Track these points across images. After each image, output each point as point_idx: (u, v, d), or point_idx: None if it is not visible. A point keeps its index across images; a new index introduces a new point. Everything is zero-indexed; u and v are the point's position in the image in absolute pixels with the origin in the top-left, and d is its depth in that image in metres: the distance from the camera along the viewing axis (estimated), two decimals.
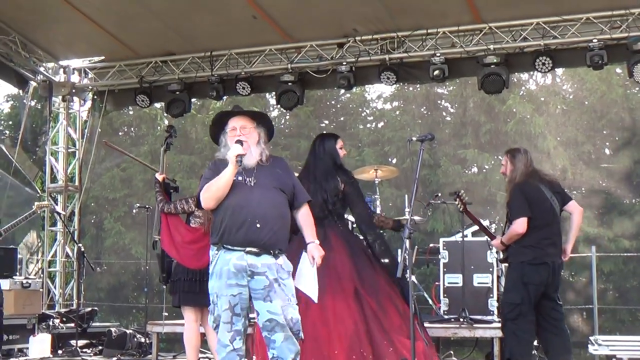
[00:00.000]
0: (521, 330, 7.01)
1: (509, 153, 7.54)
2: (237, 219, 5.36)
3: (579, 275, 15.25)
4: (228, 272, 5.34)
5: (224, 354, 5.36)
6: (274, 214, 5.41)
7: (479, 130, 16.88)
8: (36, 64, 12.51)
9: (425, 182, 16.47)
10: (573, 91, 17.29)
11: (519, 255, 7.16)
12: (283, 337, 5.33)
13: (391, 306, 6.76)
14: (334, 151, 7.21)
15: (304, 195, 5.73)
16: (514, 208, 7.17)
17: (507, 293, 7.29)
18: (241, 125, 5.56)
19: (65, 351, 10.69)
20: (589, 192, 16.20)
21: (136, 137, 19.99)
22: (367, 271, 6.88)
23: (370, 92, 19.24)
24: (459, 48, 10.87)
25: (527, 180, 7.21)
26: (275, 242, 5.40)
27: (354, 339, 6.45)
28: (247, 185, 5.43)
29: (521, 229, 7.03)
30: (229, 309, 5.34)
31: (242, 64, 11.85)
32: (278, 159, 5.79)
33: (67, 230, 12.76)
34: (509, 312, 7.10)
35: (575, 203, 7.54)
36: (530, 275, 7.03)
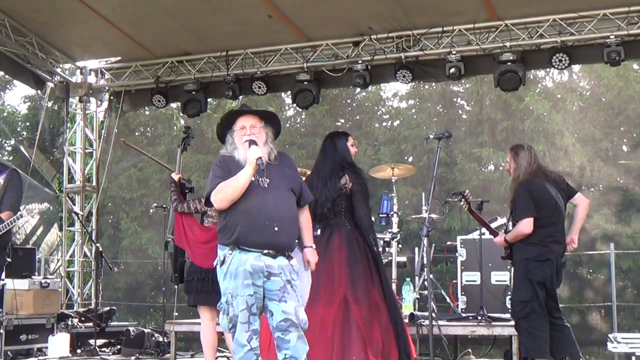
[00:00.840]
0: (534, 328, 6.96)
1: (512, 150, 7.48)
2: (255, 221, 5.34)
3: (598, 273, 15.17)
4: (244, 272, 5.32)
5: (242, 353, 5.35)
6: (289, 216, 5.46)
7: (495, 128, 16.81)
8: (53, 65, 12.59)
9: (442, 180, 16.41)
10: (590, 88, 17.19)
11: (523, 253, 7.13)
12: (297, 336, 5.35)
13: (375, 318, 6.72)
14: (345, 149, 7.16)
15: (308, 195, 5.79)
16: (520, 208, 7.12)
17: (516, 291, 7.23)
18: (251, 125, 5.55)
19: (84, 350, 10.74)
20: (607, 189, 16.10)
21: (152, 137, 20.03)
22: (361, 279, 6.81)
23: (385, 91, 19.22)
24: (475, 45, 10.85)
25: (532, 179, 7.16)
26: (291, 243, 5.49)
27: (337, 345, 6.44)
28: (261, 187, 5.41)
29: (527, 230, 7.00)
30: (247, 309, 5.33)
31: (258, 64, 11.87)
32: (283, 155, 5.77)
33: (85, 231, 12.82)
34: (520, 310, 7.06)
35: (582, 195, 7.53)
36: (534, 272, 7.00)
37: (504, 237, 7.31)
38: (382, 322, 6.74)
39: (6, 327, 9.84)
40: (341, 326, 6.54)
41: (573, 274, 15.24)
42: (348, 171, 6.98)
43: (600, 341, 12.45)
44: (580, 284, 15.26)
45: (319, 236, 6.89)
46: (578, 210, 7.42)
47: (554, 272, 7.12)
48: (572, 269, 15.19)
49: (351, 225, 7.00)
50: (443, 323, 8.14)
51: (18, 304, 10.25)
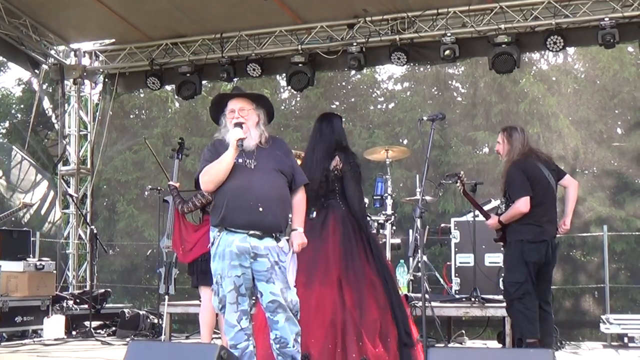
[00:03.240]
0: (528, 309, 6.93)
1: (506, 131, 7.41)
2: (240, 202, 5.36)
3: (591, 256, 15.23)
4: (231, 253, 5.36)
5: (232, 333, 5.40)
6: (276, 197, 5.42)
7: (490, 110, 16.82)
8: (47, 47, 12.57)
9: (436, 163, 16.43)
10: (585, 70, 17.19)
11: (517, 234, 7.09)
12: (285, 317, 5.37)
13: (372, 298, 6.71)
14: (342, 131, 7.16)
15: (301, 177, 5.70)
16: (515, 187, 7.09)
17: (511, 272, 7.17)
18: (239, 107, 5.53)
19: (79, 332, 10.77)
20: (601, 172, 16.13)
21: (147, 120, 20.01)
22: (355, 260, 6.81)
23: (380, 73, 19.20)
24: (470, 28, 10.85)
25: (525, 159, 7.14)
26: (277, 225, 5.43)
27: (331, 328, 6.44)
28: (248, 168, 5.42)
29: (525, 208, 6.97)
30: (234, 290, 5.37)
31: (253, 46, 11.85)
32: (278, 140, 5.76)
33: (79, 213, 12.84)
34: (515, 291, 7.01)
35: (570, 177, 7.52)
36: (530, 254, 6.98)
37: (498, 219, 7.29)
38: (379, 302, 6.74)
39: (1, 309, 9.87)
40: (341, 307, 6.55)
41: (567, 256, 15.30)
42: (339, 153, 6.97)
43: (593, 323, 12.51)
44: (574, 266, 15.32)
45: (315, 218, 6.89)
46: (569, 192, 7.41)
47: (549, 253, 7.14)
48: (565, 251, 15.24)
49: (346, 206, 6.98)
50: (437, 304, 8.21)
51: (13, 286, 10.28)
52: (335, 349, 6.36)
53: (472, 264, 9.62)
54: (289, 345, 5.40)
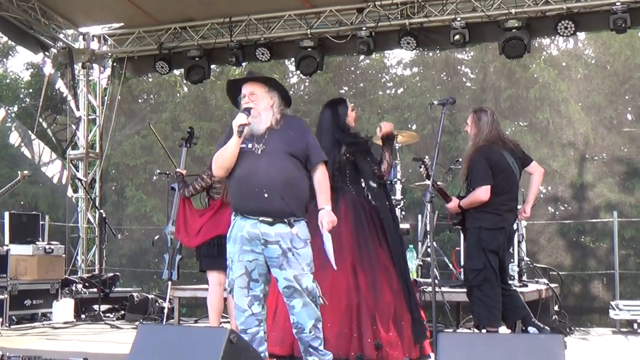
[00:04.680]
0: (487, 297, 6.87)
1: (475, 114, 7.34)
2: (246, 189, 5.36)
3: (601, 242, 15.16)
4: (242, 238, 5.37)
5: (243, 318, 5.39)
6: (282, 181, 5.33)
7: (499, 96, 16.72)
8: (56, 31, 12.57)
9: (446, 148, 16.36)
10: (595, 56, 17.07)
11: (476, 221, 7.03)
12: (302, 303, 5.35)
13: (385, 282, 6.72)
14: (346, 116, 7.13)
15: (317, 155, 5.56)
16: (477, 175, 7.00)
17: (469, 259, 7.15)
18: (250, 92, 5.51)
19: (88, 316, 10.82)
20: (611, 158, 16.04)
21: (156, 104, 19.98)
22: (369, 245, 6.81)
23: (389, 58, 19.10)
24: (480, 12, 10.80)
25: (490, 146, 7.03)
26: (287, 210, 5.33)
27: (346, 313, 6.44)
28: (255, 153, 5.39)
29: (485, 197, 6.89)
30: (245, 274, 5.37)
31: (262, 30, 11.83)
32: (292, 119, 5.69)
33: (88, 197, 12.86)
34: (473, 278, 6.97)
35: (537, 164, 7.41)
36: (487, 241, 6.91)
37: (458, 203, 7.24)
38: (392, 286, 6.76)
39: (11, 292, 9.91)
40: (355, 292, 6.56)
41: (576, 242, 15.26)
42: (345, 139, 6.95)
43: (602, 309, 12.49)
44: (583, 252, 15.26)
45: None
46: (533, 179, 7.31)
47: (506, 240, 7.11)
48: (575, 237, 15.21)
49: (356, 191, 6.98)
50: (446, 290, 8.18)
51: (22, 270, 10.32)
52: (351, 333, 6.39)
53: None
54: (305, 331, 5.40)
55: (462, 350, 4.52)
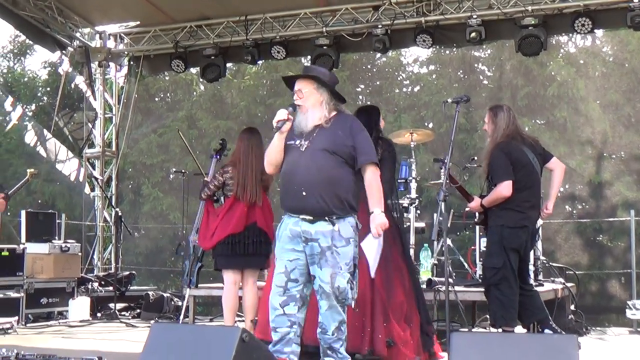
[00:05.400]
0: (504, 295, 6.81)
1: (491, 111, 7.28)
2: (288, 186, 5.39)
3: (618, 240, 15.08)
4: (285, 236, 5.38)
5: (273, 316, 5.36)
6: (321, 179, 5.28)
7: (516, 94, 16.67)
8: (72, 30, 12.60)
9: (462, 147, 16.34)
10: (613, 53, 16.98)
11: (498, 219, 6.95)
12: (327, 305, 5.32)
13: (398, 282, 6.71)
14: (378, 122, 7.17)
15: (365, 156, 5.41)
16: (498, 170, 6.92)
17: (489, 257, 7.07)
18: (297, 89, 5.49)
19: (104, 314, 10.83)
20: (629, 156, 15.95)
21: (172, 103, 20.06)
22: (385, 244, 6.82)
23: (406, 56, 19.10)
24: (496, 10, 10.72)
25: (509, 142, 6.97)
26: (324, 208, 5.27)
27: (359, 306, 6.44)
28: (299, 150, 5.38)
29: (507, 192, 6.80)
30: (284, 273, 5.34)
31: (277, 28, 11.80)
32: (345, 118, 5.57)
33: (104, 195, 12.90)
34: (492, 276, 6.90)
35: (557, 160, 7.34)
36: (509, 239, 6.84)
37: (480, 202, 7.18)
38: (405, 285, 6.76)
39: (27, 291, 9.93)
40: (370, 287, 6.55)
41: (593, 241, 15.18)
42: (382, 140, 6.98)
43: (619, 308, 12.40)
44: (600, 251, 15.19)
45: None
46: (554, 175, 7.23)
47: (529, 239, 7.05)
48: (592, 236, 15.12)
49: None
50: (460, 289, 8.14)
51: (38, 268, 10.35)
52: (363, 328, 6.39)
53: None
54: (328, 332, 5.38)
55: (474, 350, 4.49)
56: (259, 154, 7.44)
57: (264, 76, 18.89)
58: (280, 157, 5.48)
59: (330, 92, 5.53)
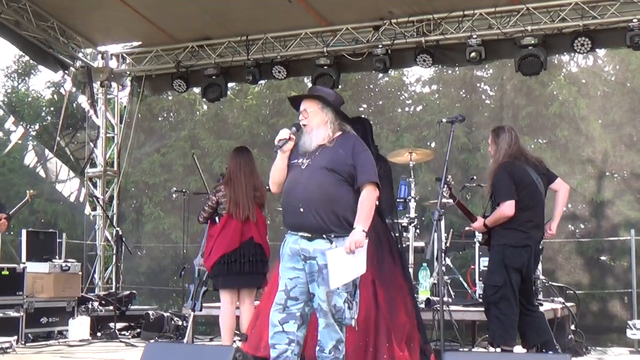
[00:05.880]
0: (504, 315, 6.80)
1: (494, 132, 7.31)
2: (287, 203, 5.41)
3: (619, 260, 15.03)
4: (286, 255, 5.40)
5: (271, 332, 5.35)
6: (319, 196, 5.28)
7: (518, 113, 16.69)
8: (74, 50, 12.67)
9: (464, 166, 16.35)
10: (614, 73, 17.01)
11: (501, 238, 6.96)
12: (325, 324, 5.32)
13: (401, 302, 6.72)
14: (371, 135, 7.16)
15: (365, 175, 5.38)
16: (501, 190, 6.94)
17: (490, 275, 7.07)
18: (303, 109, 5.52)
19: (104, 333, 10.83)
20: (630, 176, 15.94)
21: (175, 122, 20.11)
22: (385, 264, 6.82)
23: (408, 76, 19.14)
24: (496, 29, 10.76)
25: (512, 162, 6.99)
26: (323, 226, 5.27)
27: (363, 326, 6.42)
28: (300, 168, 5.41)
29: (509, 212, 6.82)
30: (284, 291, 5.35)
31: (278, 48, 11.86)
32: (348, 137, 5.55)
33: (106, 215, 12.92)
34: (492, 295, 6.89)
35: (562, 180, 7.35)
36: (511, 258, 6.84)
37: (483, 222, 7.17)
38: (407, 306, 6.77)
39: (27, 310, 9.94)
40: (374, 307, 6.55)
41: (594, 260, 15.13)
42: (380, 157, 6.97)
43: (620, 328, 12.33)
44: (601, 270, 15.14)
45: None
46: (559, 196, 7.25)
47: (532, 258, 7.03)
48: (593, 255, 15.08)
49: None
50: (460, 308, 8.13)
51: (39, 287, 10.37)
52: (366, 347, 6.39)
53: None
54: (325, 350, 5.37)
55: None
56: (249, 171, 7.63)
57: (266, 96, 18.95)
58: (283, 177, 5.51)
59: (335, 112, 5.55)
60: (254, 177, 7.77)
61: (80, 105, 14.68)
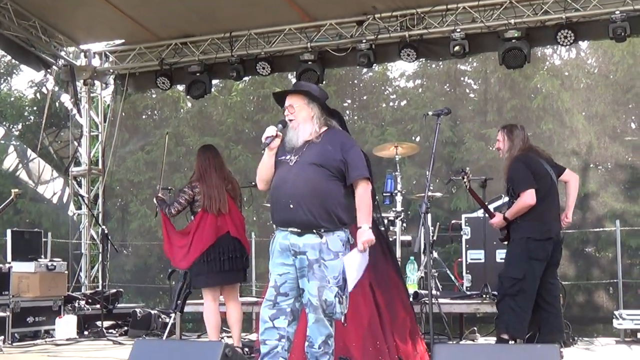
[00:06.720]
0: (520, 307, 6.85)
1: (506, 129, 7.41)
2: (276, 199, 5.39)
3: (605, 251, 15.13)
4: (276, 251, 5.40)
5: (262, 329, 5.36)
6: (308, 191, 5.26)
7: (502, 107, 16.75)
8: (57, 49, 12.60)
9: (449, 160, 16.40)
10: (597, 65, 17.09)
11: (523, 231, 7.00)
12: (314, 319, 5.32)
13: (398, 299, 6.77)
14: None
15: (356, 171, 5.36)
16: (520, 181, 7.00)
17: (509, 267, 7.09)
18: (289, 105, 5.50)
19: (91, 332, 10.78)
20: (615, 167, 16.04)
21: (159, 120, 20.07)
22: (380, 262, 6.84)
23: (392, 71, 19.15)
24: (480, 23, 10.77)
25: (527, 154, 7.10)
26: (311, 221, 5.26)
27: (368, 331, 6.46)
28: (288, 165, 5.39)
29: (531, 200, 6.88)
30: (274, 287, 5.35)
31: (262, 44, 11.83)
32: (335, 133, 5.55)
33: (91, 213, 12.87)
34: (510, 287, 6.93)
35: (570, 171, 7.49)
36: (536, 251, 6.90)
37: (503, 216, 7.21)
38: (404, 301, 6.82)
39: (13, 310, 9.88)
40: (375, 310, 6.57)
41: (580, 252, 15.20)
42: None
43: (606, 318, 12.42)
44: (587, 262, 15.21)
45: None
46: (570, 186, 7.37)
47: (556, 250, 7.08)
48: (579, 247, 15.15)
49: None
50: (447, 301, 8.17)
51: (25, 287, 10.30)
52: (375, 351, 6.41)
53: (483, 260, 9.57)
54: (314, 346, 5.37)
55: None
56: (218, 165, 7.73)
57: (250, 92, 18.92)
58: (271, 174, 5.50)
59: (320, 106, 5.54)
60: (224, 170, 7.80)
61: (64, 104, 14.57)
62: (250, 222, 14.90)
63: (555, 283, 7.28)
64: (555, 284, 7.24)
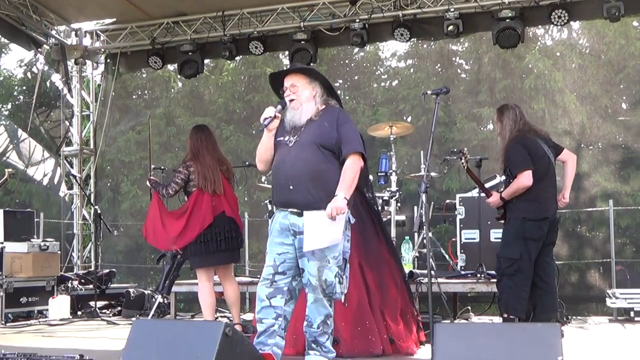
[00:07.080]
0: (517, 286, 6.85)
1: (498, 110, 7.42)
2: (276, 180, 5.42)
3: (597, 231, 15.19)
4: (275, 230, 5.42)
5: (259, 307, 5.39)
6: (308, 173, 5.29)
7: (494, 87, 16.73)
8: (48, 28, 12.50)
9: (441, 140, 16.37)
10: (590, 45, 17.07)
11: (519, 211, 6.99)
12: (313, 298, 5.35)
13: (389, 278, 6.77)
14: None
15: (348, 146, 5.36)
16: (517, 162, 6.99)
17: (506, 247, 7.07)
18: (290, 84, 5.49)
19: (85, 312, 10.78)
20: (607, 147, 16.07)
21: (150, 100, 19.95)
22: (371, 242, 6.84)
23: (384, 51, 19.11)
24: (473, 2, 10.76)
25: (524, 135, 7.07)
26: (311, 202, 5.28)
27: (358, 311, 6.46)
28: (287, 146, 5.40)
29: (528, 182, 6.87)
30: (272, 266, 5.37)
31: (255, 23, 11.78)
32: (331, 110, 5.54)
33: (83, 193, 12.82)
34: (507, 267, 6.93)
35: (568, 151, 7.48)
36: (532, 231, 6.89)
37: (499, 196, 7.22)
38: (397, 281, 6.81)
39: (6, 290, 9.86)
40: (364, 290, 6.57)
41: (572, 232, 15.25)
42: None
43: (599, 297, 12.48)
44: (580, 241, 15.27)
45: None
46: (567, 166, 7.37)
47: (551, 230, 7.09)
48: (571, 227, 15.20)
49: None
50: (442, 281, 8.17)
51: (17, 267, 10.28)
52: (365, 331, 6.43)
53: (477, 240, 9.58)
54: (313, 325, 5.41)
55: (458, 341, 4.50)
56: (211, 146, 7.66)
57: (242, 72, 18.85)
58: (270, 155, 5.51)
59: (323, 86, 5.54)
60: (217, 151, 7.75)
61: (54, 84, 14.46)
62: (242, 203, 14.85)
63: (551, 262, 7.28)
64: (550, 263, 7.25)
